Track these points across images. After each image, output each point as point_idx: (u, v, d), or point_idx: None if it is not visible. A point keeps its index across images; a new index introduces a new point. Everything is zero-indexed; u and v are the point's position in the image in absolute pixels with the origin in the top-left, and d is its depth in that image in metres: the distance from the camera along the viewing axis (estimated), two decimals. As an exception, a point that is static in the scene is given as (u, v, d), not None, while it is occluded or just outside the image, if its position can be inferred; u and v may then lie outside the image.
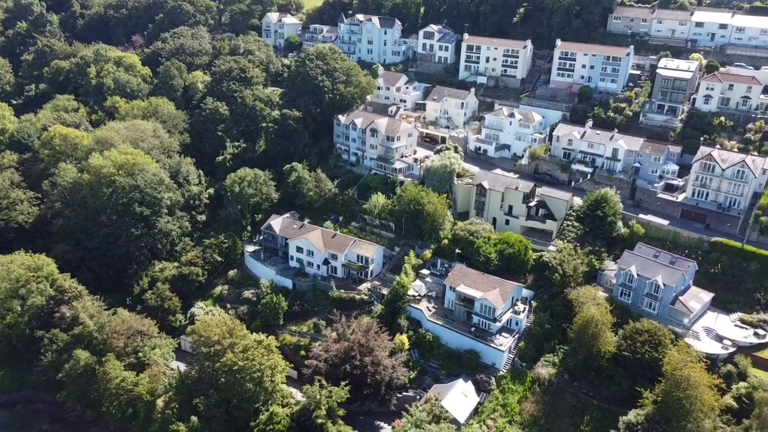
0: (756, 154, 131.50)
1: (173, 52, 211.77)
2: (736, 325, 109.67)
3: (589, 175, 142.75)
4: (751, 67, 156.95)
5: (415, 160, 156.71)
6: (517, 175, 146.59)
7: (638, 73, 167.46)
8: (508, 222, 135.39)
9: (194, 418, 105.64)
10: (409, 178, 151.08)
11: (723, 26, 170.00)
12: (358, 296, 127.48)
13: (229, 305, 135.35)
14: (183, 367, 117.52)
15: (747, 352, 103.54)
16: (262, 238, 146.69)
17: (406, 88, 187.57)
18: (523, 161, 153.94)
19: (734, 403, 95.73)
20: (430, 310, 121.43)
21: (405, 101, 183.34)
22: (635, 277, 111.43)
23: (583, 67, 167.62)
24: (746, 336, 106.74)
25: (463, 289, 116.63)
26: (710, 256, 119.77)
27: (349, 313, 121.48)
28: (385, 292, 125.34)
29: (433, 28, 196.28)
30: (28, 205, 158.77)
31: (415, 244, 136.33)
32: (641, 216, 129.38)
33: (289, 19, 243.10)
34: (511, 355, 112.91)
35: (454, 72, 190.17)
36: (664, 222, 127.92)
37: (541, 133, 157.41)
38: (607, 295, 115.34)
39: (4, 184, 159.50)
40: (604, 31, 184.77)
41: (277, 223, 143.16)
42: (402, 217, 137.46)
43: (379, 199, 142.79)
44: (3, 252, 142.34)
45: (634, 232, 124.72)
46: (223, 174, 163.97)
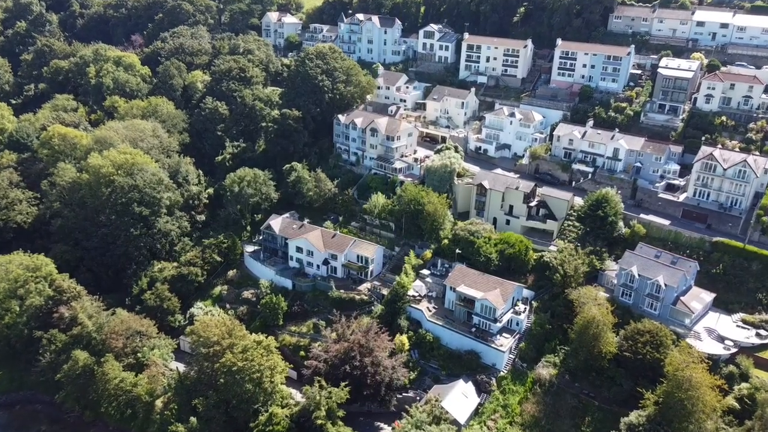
0: (757, 153, 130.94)
1: (173, 51, 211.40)
2: (737, 326, 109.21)
3: (590, 175, 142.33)
4: (752, 67, 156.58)
5: (415, 160, 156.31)
6: (518, 175, 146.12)
7: (639, 72, 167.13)
8: (508, 222, 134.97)
9: (193, 419, 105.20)
10: (409, 178, 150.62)
11: (724, 25, 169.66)
12: (358, 296, 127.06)
13: (228, 305, 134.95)
14: (182, 368, 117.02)
15: (749, 352, 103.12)
16: (261, 238, 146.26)
17: (406, 88, 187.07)
18: (524, 161, 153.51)
19: (736, 405, 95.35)
20: (430, 311, 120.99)
21: (405, 101, 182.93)
22: (636, 277, 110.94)
23: (584, 66, 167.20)
24: (748, 336, 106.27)
25: (464, 290, 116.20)
26: (712, 256, 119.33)
27: (349, 314, 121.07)
28: (385, 292, 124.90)
29: (434, 27, 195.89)
30: (26, 204, 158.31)
31: (415, 244, 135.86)
32: (642, 216, 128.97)
33: (289, 19, 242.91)
34: (511, 356, 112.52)
35: (455, 71, 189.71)
36: (665, 222, 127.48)
37: (541, 133, 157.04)
38: (608, 295, 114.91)
39: (3, 183, 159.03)
40: (605, 31, 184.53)
41: (277, 223, 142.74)
42: (402, 217, 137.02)
43: (379, 199, 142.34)
44: (1, 252, 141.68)
45: (636, 232, 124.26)
46: (222, 174, 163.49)
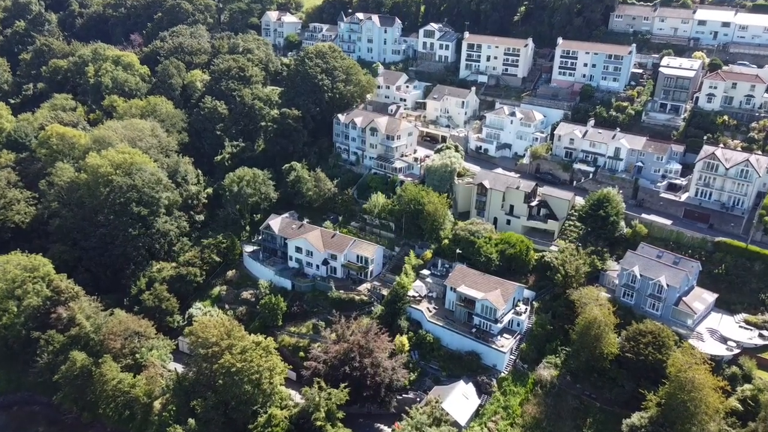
0: (760, 153, 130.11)
1: (172, 50, 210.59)
2: (740, 327, 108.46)
3: (591, 175, 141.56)
4: (754, 66, 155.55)
5: (416, 160, 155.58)
6: (519, 175, 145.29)
7: (640, 71, 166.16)
8: (509, 222, 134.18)
9: (191, 421, 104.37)
10: (410, 178, 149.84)
11: (726, 24, 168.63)
12: (357, 297, 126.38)
13: (227, 306, 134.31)
14: (180, 369, 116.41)
15: (752, 353, 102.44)
16: (260, 238, 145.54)
17: (407, 87, 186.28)
18: (525, 160, 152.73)
19: (739, 406, 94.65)
20: (430, 311, 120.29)
21: (405, 100, 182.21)
22: (638, 277, 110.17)
23: (585, 65, 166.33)
24: (751, 337, 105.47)
25: (464, 290, 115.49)
26: (714, 256, 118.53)
27: (349, 314, 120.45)
28: (385, 292, 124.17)
29: (434, 26, 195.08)
30: (24, 204, 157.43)
31: (416, 244, 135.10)
32: (644, 216, 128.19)
33: (289, 18, 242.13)
34: (512, 357, 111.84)
35: (455, 71, 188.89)
36: (667, 222, 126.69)
37: (542, 132, 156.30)
38: (610, 295, 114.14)
39: (1, 183, 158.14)
40: (606, 30, 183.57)
41: (276, 222, 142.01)
42: (402, 217, 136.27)
43: (379, 199, 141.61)
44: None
45: (637, 232, 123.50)
46: (221, 173, 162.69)
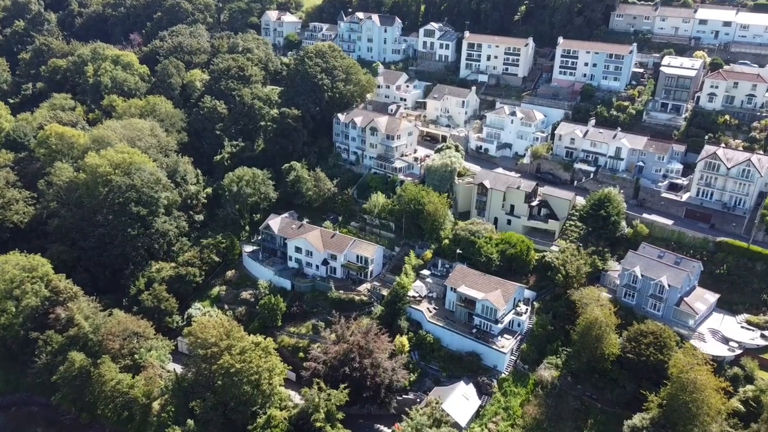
0: (761, 152, 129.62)
1: (171, 50, 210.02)
2: (742, 327, 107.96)
3: (592, 175, 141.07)
4: (755, 65, 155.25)
5: (416, 159, 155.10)
6: (519, 175, 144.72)
7: (641, 71, 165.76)
8: (509, 222, 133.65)
9: (190, 422, 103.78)
10: (410, 178, 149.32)
11: (727, 23, 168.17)
12: (357, 297, 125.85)
13: (226, 306, 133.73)
14: (179, 370, 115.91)
15: (754, 354, 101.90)
16: (260, 238, 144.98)
17: (407, 87, 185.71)
18: (525, 160, 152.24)
19: (741, 407, 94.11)
20: (430, 312, 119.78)
21: (405, 100, 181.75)
22: (639, 277, 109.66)
23: (586, 65, 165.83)
24: (753, 338, 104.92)
25: (464, 290, 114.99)
26: (715, 256, 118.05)
27: (349, 315, 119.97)
28: (385, 293, 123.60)
29: (434, 26, 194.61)
30: (23, 204, 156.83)
31: (416, 245, 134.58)
32: (645, 216, 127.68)
33: (289, 18, 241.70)
34: (513, 357, 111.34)
35: (455, 70, 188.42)
36: (668, 222, 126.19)
37: (543, 132, 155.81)
38: (611, 296, 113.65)
39: (0, 183, 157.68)
40: (607, 29, 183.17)
41: (276, 222, 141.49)
42: (402, 216, 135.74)
43: (378, 199, 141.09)
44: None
45: (638, 232, 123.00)
46: (221, 173, 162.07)
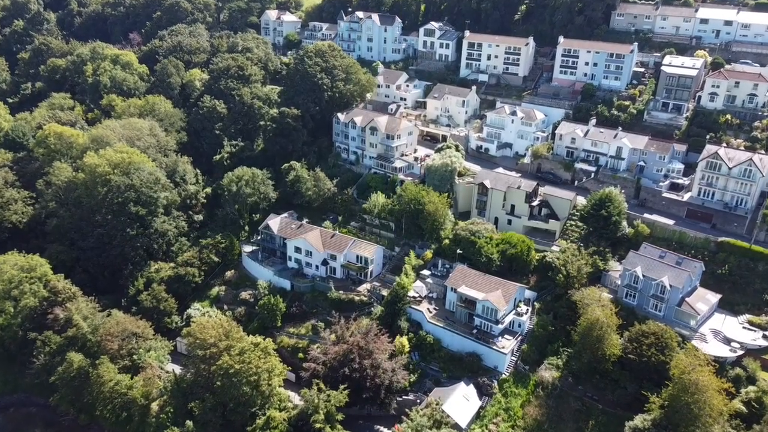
0: (763, 152, 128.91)
1: (171, 49, 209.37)
2: (744, 327, 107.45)
3: (593, 174, 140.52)
4: (757, 65, 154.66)
5: (416, 159, 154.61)
6: (520, 174, 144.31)
7: (642, 70, 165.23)
8: (510, 222, 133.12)
9: (189, 423, 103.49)
10: (410, 177, 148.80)
11: (728, 23, 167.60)
12: (357, 297, 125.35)
13: (226, 306, 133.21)
14: (178, 370, 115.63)
15: (756, 355, 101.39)
16: (259, 238, 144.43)
17: (407, 86, 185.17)
18: (526, 160, 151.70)
19: (743, 408, 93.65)
20: (430, 312, 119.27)
21: (405, 99, 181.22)
22: (641, 278, 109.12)
23: (586, 64, 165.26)
24: (755, 338, 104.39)
25: (465, 291, 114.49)
26: (717, 256, 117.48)
27: (348, 315, 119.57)
28: (384, 293, 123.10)
29: (434, 25, 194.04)
30: (22, 204, 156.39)
31: (416, 245, 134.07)
32: (646, 216, 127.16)
33: (288, 17, 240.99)
34: (513, 358, 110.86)
35: (455, 70, 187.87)
36: (669, 222, 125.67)
37: (543, 132, 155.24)
38: (612, 296, 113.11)
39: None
40: (607, 28, 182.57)
41: (275, 222, 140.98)
42: (402, 216, 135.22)
43: (378, 199, 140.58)
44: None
45: (639, 232, 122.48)
46: (220, 173, 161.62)
